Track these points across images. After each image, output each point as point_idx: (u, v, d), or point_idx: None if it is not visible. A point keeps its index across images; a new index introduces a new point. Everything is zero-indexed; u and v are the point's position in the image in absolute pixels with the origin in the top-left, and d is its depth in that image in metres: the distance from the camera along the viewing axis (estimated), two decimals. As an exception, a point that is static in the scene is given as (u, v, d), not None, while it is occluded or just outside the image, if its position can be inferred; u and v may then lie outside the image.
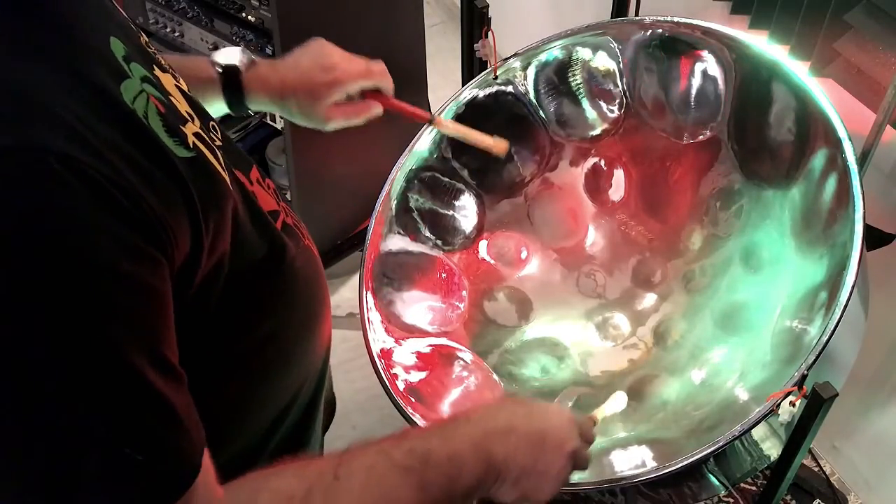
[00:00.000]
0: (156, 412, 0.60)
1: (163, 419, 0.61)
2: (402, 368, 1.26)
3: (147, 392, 0.60)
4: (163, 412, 0.61)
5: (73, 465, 0.57)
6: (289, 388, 0.92)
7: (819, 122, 1.11)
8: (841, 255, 1.02)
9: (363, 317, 1.27)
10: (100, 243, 0.56)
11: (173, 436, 0.62)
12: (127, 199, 0.58)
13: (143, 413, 0.60)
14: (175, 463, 0.62)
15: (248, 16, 1.84)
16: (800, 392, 0.94)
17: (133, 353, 0.59)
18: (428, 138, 1.38)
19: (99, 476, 0.58)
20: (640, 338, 1.37)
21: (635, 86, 1.37)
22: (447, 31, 3.05)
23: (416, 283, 1.37)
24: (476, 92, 1.39)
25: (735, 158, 1.30)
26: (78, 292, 0.55)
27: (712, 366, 1.24)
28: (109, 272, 0.57)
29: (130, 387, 0.59)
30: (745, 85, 1.24)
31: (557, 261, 1.47)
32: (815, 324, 1.03)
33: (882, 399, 1.66)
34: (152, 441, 0.60)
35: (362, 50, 1.12)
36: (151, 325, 0.61)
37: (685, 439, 1.10)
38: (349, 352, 1.85)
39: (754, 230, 1.28)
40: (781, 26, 1.46)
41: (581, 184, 1.47)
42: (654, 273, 1.41)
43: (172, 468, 0.61)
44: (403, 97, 1.16)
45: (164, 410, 0.61)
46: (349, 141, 2.07)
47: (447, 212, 1.43)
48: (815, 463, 1.79)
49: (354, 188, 1.23)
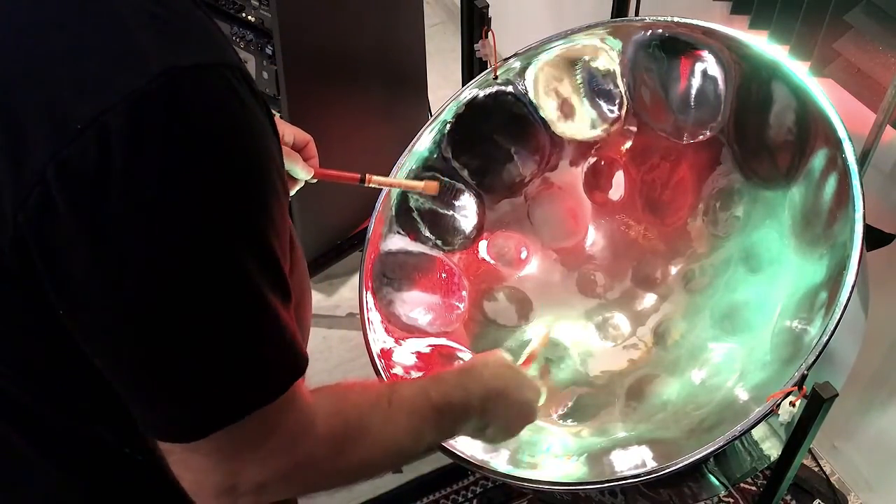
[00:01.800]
0: (287, 302, 0.67)
1: (288, 308, 0.68)
2: (402, 368, 1.26)
3: (283, 284, 0.67)
4: (289, 302, 0.68)
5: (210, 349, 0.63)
6: None
7: (819, 122, 1.11)
8: (841, 255, 1.02)
9: (363, 317, 1.27)
10: (272, 143, 0.66)
11: (293, 325, 0.68)
12: (268, 114, 0.67)
13: (280, 303, 0.66)
14: (298, 345, 0.68)
15: (248, 16, 1.84)
16: (800, 392, 0.94)
17: (276, 243, 0.65)
18: (428, 138, 1.38)
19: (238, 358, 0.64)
20: (640, 338, 1.37)
21: (635, 86, 1.37)
22: (447, 31, 3.05)
23: (416, 283, 1.37)
24: (476, 92, 1.39)
25: (735, 158, 1.30)
26: (264, 184, 0.64)
27: (712, 366, 1.24)
28: (278, 168, 0.67)
29: (277, 274, 0.66)
30: (745, 85, 1.24)
31: (557, 261, 1.47)
32: (815, 324, 1.03)
33: (882, 399, 1.66)
34: (281, 329, 0.66)
35: (362, 50, 1.12)
36: (284, 224, 0.69)
37: (685, 439, 1.10)
38: (349, 352, 1.86)
39: (754, 230, 1.28)
40: (781, 26, 1.46)
41: (581, 184, 1.47)
42: (654, 273, 1.41)
43: (297, 351, 0.68)
44: (404, 97, 1.17)
45: (289, 300, 0.68)
46: (349, 141, 2.07)
47: (447, 212, 1.43)
48: (815, 463, 1.79)
49: (354, 188, 1.23)
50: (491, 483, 1.82)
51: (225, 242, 0.61)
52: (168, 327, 0.61)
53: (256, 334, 0.65)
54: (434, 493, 1.81)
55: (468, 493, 1.82)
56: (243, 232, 0.62)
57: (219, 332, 0.62)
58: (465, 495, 1.81)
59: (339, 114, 2.00)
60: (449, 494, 1.82)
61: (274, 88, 1.88)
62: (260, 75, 1.90)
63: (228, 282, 0.62)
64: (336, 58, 1.92)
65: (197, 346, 0.62)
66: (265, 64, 1.87)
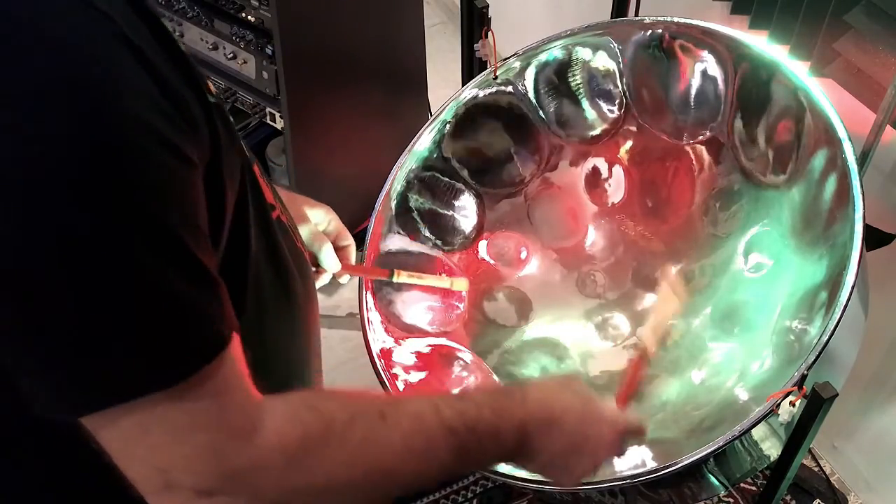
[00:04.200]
0: (190, 275, 0.60)
1: (196, 283, 0.60)
2: (402, 368, 1.26)
3: (182, 254, 0.59)
4: (196, 277, 0.60)
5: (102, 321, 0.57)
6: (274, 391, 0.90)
7: (819, 122, 1.11)
8: (841, 255, 1.02)
9: (363, 317, 1.27)
10: (137, 98, 0.56)
11: (205, 302, 0.61)
12: (161, 75, 0.58)
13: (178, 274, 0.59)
14: (205, 327, 0.61)
15: (248, 16, 1.84)
16: (800, 392, 0.94)
17: (170, 213, 0.58)
18: (428, 138, 1.38)
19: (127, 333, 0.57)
20: (640, 338, 1.37)
21: (635, 86, 1.37)
22: (447, 31, 3.05)
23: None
24: (476, 92, 1.39)
25: (735, 158, 1.30)
26: (114, 138, 0.55)
27: (712, 366, 1.24)
28: (145, 126, 0.56)
29: (167, 246, 0.58)
30: (745, 85, 1.24)
31: (557, 261, 1.47)
32: (815, 324, 1.03)
33: (882, 399, 1.66)
34: (184, 303, 0.59)
35: (362, 50, 1.12)
36: (188, 193, 0.60)
37: (685, 439, 1.10)
38: (349, 352, 1.85)
39: (754, 230, 1.28)
40: (781, 26, 1.46)
41: (581, 184, 1.47)
42: (654, 273, 1.41)
43: (201, 332, 0.61)
44: (404, 97, 1.17)
45: (198, 275, 0.61)
46: (349, 141, 2.07)
47: (447, 212, 1.43)
48: (815, 463, 1.79)
49: (354, 188, 1.23)
50: (491, 483, 1.82)
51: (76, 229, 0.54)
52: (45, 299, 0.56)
53: (138, 311, 0.57)
54: (434, 493, 1.82)
55: (468, 493, 1.82)
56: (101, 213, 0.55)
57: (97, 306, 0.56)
58: (464, 495, 1.82)
59: (339, 114, 2.00)
60: (449, 494, 1.82)
61: (274, 88, 1.88)
62: (260, 75, 1.90)
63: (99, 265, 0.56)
64: (336, 58, 1.92)
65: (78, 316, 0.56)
66: (265, 64, 1.87)
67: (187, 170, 0.60)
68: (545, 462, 0.83)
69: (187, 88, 0.62)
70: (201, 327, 0.61)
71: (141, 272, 0.57)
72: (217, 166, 0.65)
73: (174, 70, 0.61)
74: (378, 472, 0.70)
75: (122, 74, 0.56)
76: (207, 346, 0.61)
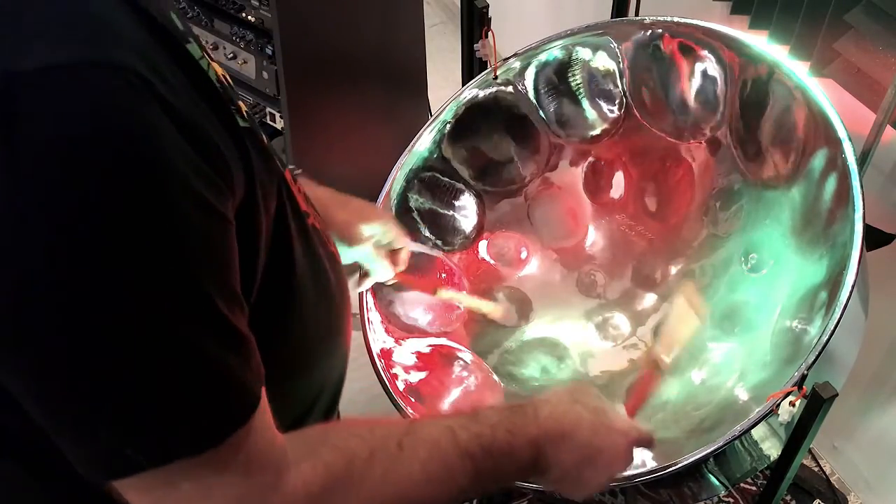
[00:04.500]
0: (222, 339, 0.60)
1: (228, 347, 0.61)
2: (402, 368, 1.26)
3: (215, 319, 0.59)
4: (228, 340, 0.61)
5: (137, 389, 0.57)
6: (309, 393, 0.90)
7: (819, 122, 1.11)
8: (841, 255, 1.02)
9: (363, 317, 1.27)
10: (176, 159, 0.56)
11: (237, 365, 0.61)
12: (196, 130, 0.57)
13: (211, 340, 0.59)
14: (238, 391, 0.61)
15: (248, 16, 1.84)
16: (800, 392, 0.94)
17: (204, 278, 0.58)
18: (428, 138, 1.38)
19: (162, 401, 0.58)
20: (640, 338, 1.37)
21: (635, 86, 1.37)
22: (447, 31, 3.05)
23: (415, 283, 1.37)
24: (476, 92, 1.39)
25: (735, 158, 1.30)
26: (156, 204, 0.55)
27: (712, 366, 1.24)
28: (185, 189, 0.56)
29: (201, 312, 0.59)
30: (745, 85, 1.24)
31: (557, 261, 1.47)
32: (815, 324, 1.03)
33: (882, 399, 1.66)
34: (217, 368, 0.60)
35: (362, 50, 1.12)
36: (222, 253, 0.61)
37: (685, 439, 1.10)
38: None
39: (754, 230, 1.28)
40: (781, 26, 1.46)
41: (581, 184, 1.47)
42: (654, 273, 1.41)
43: (234, 397, 0.61)
44: (404, 97, 1.17)
45: (230, 338, 0.61)
46: (349, 141, 2.07)
47: (447, 212, 1.43)
48: (815, 463, 1.79)
49: (354, 188, 1.22)
50: (491, 483, 1.82)
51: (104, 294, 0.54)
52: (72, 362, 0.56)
53: (173, 378, 0.58)
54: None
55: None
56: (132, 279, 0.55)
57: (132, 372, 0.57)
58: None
59: (339, 114, 2.00)
60: (449, 494, 1.81)
61: (274, 88, 1.88)
62: (260, 75, 1.90)
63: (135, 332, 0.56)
64: (336, 58, 1.92)
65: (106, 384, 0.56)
66: (265, 64, 1.87)
67: (222, 229, 0.61)
68: (558, 476, 0.84)
69: (220, 128, 0.62)
70: (234, 393, 0.61)
71: (176, 340, 0.57)
72: (252, 200, 0.65)
73: (208, 113, 0.61)
74: (401, 500, 0.72)
75: (162, 146, 0.55)
76: (240, 411, 0.62)
